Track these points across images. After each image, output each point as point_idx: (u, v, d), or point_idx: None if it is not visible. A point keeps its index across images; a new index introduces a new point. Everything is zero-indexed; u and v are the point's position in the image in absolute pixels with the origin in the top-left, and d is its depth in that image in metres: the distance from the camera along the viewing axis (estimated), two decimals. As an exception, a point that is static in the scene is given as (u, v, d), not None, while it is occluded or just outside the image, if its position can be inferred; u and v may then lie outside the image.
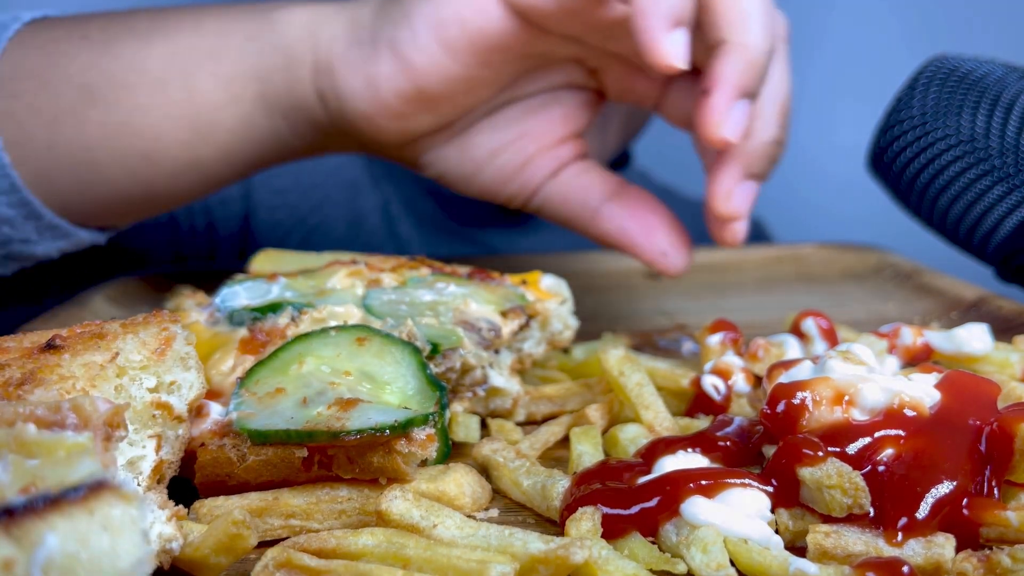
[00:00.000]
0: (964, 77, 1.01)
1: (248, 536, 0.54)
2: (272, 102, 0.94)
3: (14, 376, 0.57)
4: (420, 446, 0.63)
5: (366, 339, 0.71)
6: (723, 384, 0.78)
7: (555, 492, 0.64)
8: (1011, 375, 0.77)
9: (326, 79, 0.91)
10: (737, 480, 0.60)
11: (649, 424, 0.72)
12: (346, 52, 0.90)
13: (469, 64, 0.88)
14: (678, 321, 1.07)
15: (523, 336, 0.85)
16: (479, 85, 0.91)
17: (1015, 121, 0.96)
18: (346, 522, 0.63)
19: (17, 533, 0.40)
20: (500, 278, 0.87)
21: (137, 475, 0.60)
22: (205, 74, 0.93)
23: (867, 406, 0.61)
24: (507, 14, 0.85)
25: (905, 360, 0.83)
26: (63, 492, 0.41)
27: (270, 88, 0.94)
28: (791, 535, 0.59)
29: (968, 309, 1.09)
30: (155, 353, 0.62)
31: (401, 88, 0.89)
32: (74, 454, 0.45)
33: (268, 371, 0.70)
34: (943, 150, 1.00)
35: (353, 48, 0.90)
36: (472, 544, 0.57)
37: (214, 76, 0.93)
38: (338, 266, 0.86)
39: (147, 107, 0.93)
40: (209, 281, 0.95)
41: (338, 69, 0.91)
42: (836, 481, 0.56)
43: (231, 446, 0.65)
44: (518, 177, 0.98)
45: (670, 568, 0.56)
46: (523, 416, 0.82)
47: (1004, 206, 0.97)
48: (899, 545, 0.55)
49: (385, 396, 0.67)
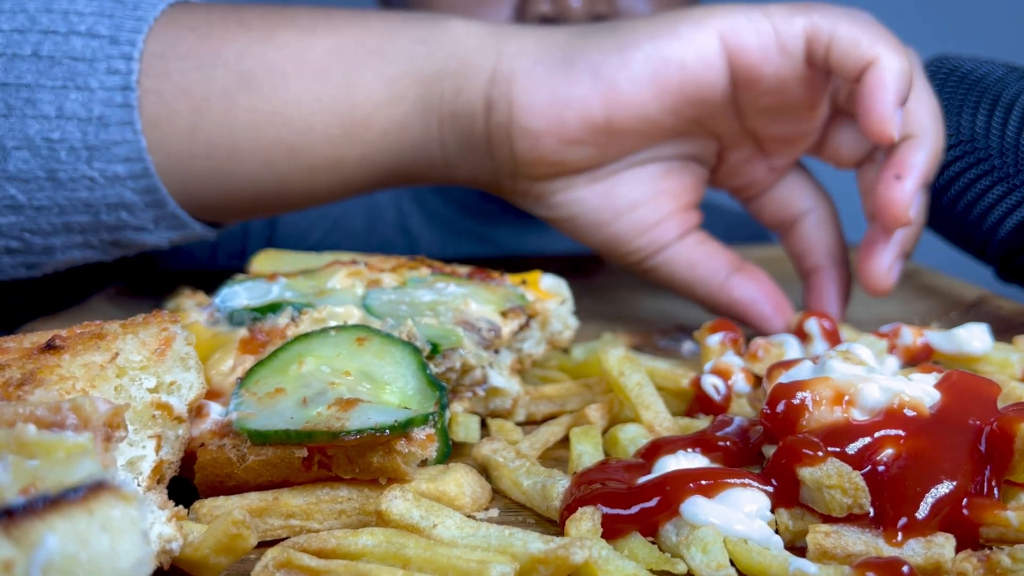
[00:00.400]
0: (964, 77, 1.01)
1: (248, 536, 0.54)
2: (433, 106, 0.93)
3: (14, 377, 0.57)
4: (420, 446, 0.63)
5: (366, 339, 0.71)
6: (723, 384, 0.78)
7: (555, 492, 0.64)
8: (1011, 375, 0.77)
9: (503, 87, 0.91)
10: (737, 480, 0.60)
11: (649, 424, 0.72)
12: (533, 66, 0.90)
13: (666, 109, 0.90)
14: (678, 321, 1.07)
15: (523, 336, 0.85)
16: (658, 131, 0.93)
17: (1015, 121, 0.96)
18: (346, 522, 0.63)
19: (17, 534, 0.40)
20: (500, 278, 0.87)
21: (137, 475, 0.60)
22: (369, 71, 0.92)
23: (867, 406, 0.61)
24: (726, 70, 0.89)
25: (905, 360, 0.83)
26: (63, 493, 0.41)
27: (435, 91, 0.93)
28: (791, 535, 0.59)
29: (968, 309, 1.09)
30: (155, 353, 0.62)
31: (591, 114, 0.90)
32: (74, 455, 0.45)
33: (268, 371, 0.70)
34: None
35: (542, 64, 0.90)
36: (472, 544, 0.57)
37: (379, 74, 0.92)
38: (338, 266, 0.86)
39: (303, 99, 0.91)
40: (209, 281, 0.95)
41: (519, 80, 0.90)
42: (836, 481, 0.56)
43: (231, 446, 0.65)
44: (650, 233, 0.99)
45: (670, 568, 0.56)
46: (523, 416, 0.82)
47: (1004, 206, 0.97)
48: (899, 545, 0.55)
49: (385, 396, 0.67)
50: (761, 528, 0.57)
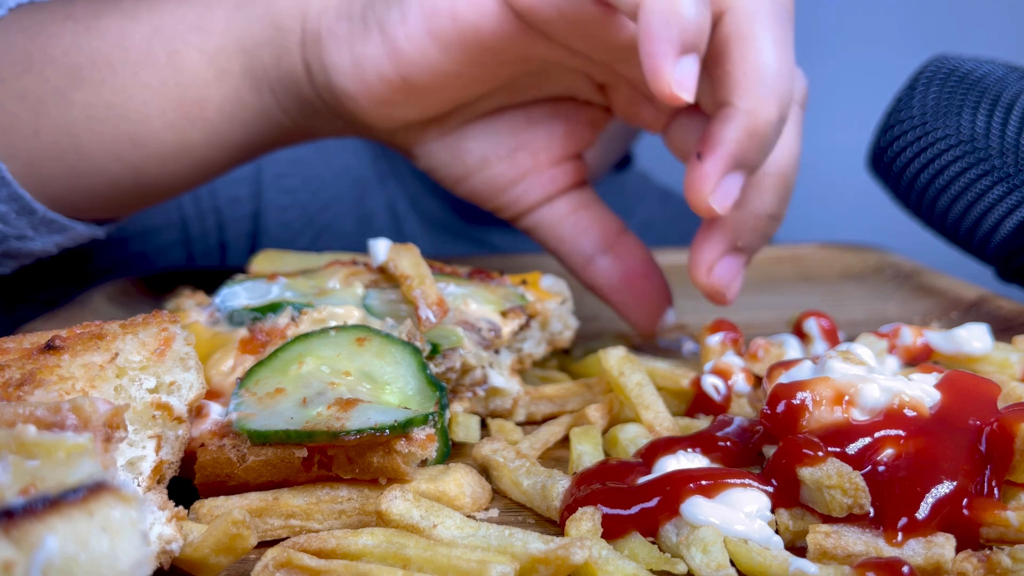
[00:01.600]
0: (964, 77, 1.01)
1: (248, 536, 0.54)
2: (260, 76, 0.89)
3: (14, 377, 0.57)
4: (420, 446, 0.63)
5: (366, 339, 0.71)
6: (723, 384, 0.78)
7: (555, 492, 0.64)
8: (1011, 375, 0.77)
9: (313, 51, 0.86)
10: (737, 480, 0.60)
11: (649, 424, 0.72)
12: (335, 25, 0.85)
13: (458, 60, 0.82)
14: (678, 321, 1.07)
15: (523, 336, 0.85)
16: (469, 82, 0.86)
17: (1015, 121, 0.96)
18: (346, 522, 0.63)
19: (17, 535, 0.40)
20: (500, 278, 0.87)
21: (137, 476, 0.60)
22: (191, 49, 0.88)
23: (867, 406, 0.61)
24: (505, 14, 0.79)
25: (905, 360, 0.83)
26: (63, 493, 0.41)
27: (257, 61, 0.89)
28: (791, 535, 0.59)
29: (968, 309, 1.09)
30: (155, 353, 0.62)
31: (385, 73, 0.84)
32: (74, 455, 0.45)
33: (268, 371, 0.70)
34: (943, 150, 1.00)
35: (343, 22, 0.85)
36: (472, 544, 0.57)
37: (200, 51, 0.88)
38: (338, 266, 0.86)
39: (132, 87, 0.88)
40: (209, 281, 0.95)
41: (325, 41, 0.85)
42: (836, 481, 0.56)
43: (231, 446, 0.65)
44: (509, 192, 0.94)
45: (670, 568, 0.56)
46: (523, 416, 0.82)
47: (1004, 206, 0.97)
48: (899, 545, 0.55)
49: (385, 396, 0.67)
50: (761, 528, 0.57)
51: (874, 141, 1.07)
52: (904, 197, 1.06)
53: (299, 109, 0.91)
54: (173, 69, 0.88)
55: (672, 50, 0.67)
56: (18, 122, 0.89)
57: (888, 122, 1.05)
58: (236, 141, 0.93)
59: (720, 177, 0.74)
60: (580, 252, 0.93)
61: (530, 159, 0.93)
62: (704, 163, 0.74)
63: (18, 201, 0.91)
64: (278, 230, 1.55)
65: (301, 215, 1.56)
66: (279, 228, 1.56)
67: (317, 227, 1.58)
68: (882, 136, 1.06)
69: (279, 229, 1.56)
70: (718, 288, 0.83)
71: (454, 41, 0.81)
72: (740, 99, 0.73)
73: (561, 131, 0.93)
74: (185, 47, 0.89)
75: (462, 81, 0.85)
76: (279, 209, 1.54)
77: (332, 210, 1.57)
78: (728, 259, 0.82)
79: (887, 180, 1.08)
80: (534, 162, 0.93)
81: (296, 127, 0.94)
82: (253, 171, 1.51)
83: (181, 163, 0.92)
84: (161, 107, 0.89)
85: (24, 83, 0.89)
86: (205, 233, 1.49)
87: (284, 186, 1.53)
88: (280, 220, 1.54)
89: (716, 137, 0.74)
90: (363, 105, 0.86)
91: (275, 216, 1.53)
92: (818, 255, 1.37)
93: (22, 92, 0.89)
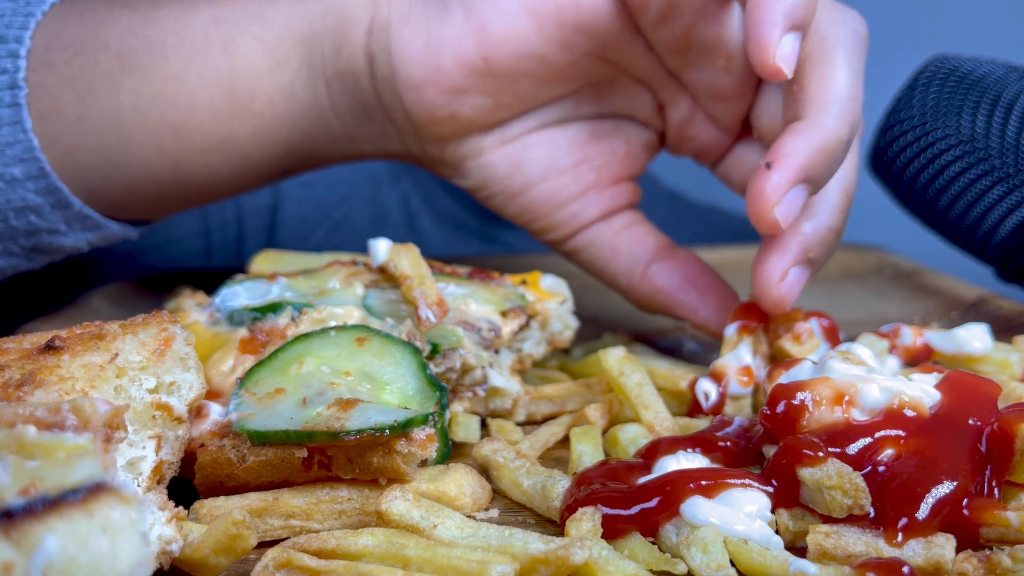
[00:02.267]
0: (964, 77, 1.01)
1: (248, 536, 0.54)
2: (317, 68, 0.87)
3: (14, 377, 0.57)
4: (420, 446, 0.63)
5: (366, 339, 0.71)
6: (715, 390, 0.78)
7: (555, 492, 0.64)
8: (1011, 375, 0.77)
9: (380, 39, 0.83)
10: (737, 480, 0.60)
11: (649, 424, 0.72)
12: (409, 10, 0.82)
13: (550, 39, 0.80)
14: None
15: (523, 336, 0.85)
16: (551, 73, 0.83)
17: (1015, 121, 0.96)
18: (346, 522, 0.63)
19: (16, 536, 0.40)
20: (500, 278, 0.87)
21: (137, 476, 0.60)
22: (249, 38, 0.87)
23: (867, 406, 0.61)
24: None
25: (905, 360, 0.83)
26: (62, 494, 0.41)
27: (316, 52, 0.86)
28: (791, 535, 0.59)
29: (968, 309, 1.09)
30: (155, 354, 0.62)
31: (466, 53, 0.80)
32: (74, 455, 0.45)
33: (268, 371, 0.70)
34: (943, 150, 1.00)
35: (418, 6, 0.82)
36: (472, 544, 0.57)
37: (259, 40, 0.87)
38: (338, 266, 0.86)
39: (184, 75, 0.86)
40: (209, 281, 0.95)
41: (395, 26, 0.82)
42: (836, 482, 0.56)
43: (231, 447, 0.65)
44: (567, 207, 0.90)
45: (670, 568, 0.56)
46: (523, 416, 0.82)
47: (1004, 206, 0.97)
48: (899, 545, 0.55)
49: (385, 396, 0.67)
50: (761, 528, 0.57)
51: (874, 141, 1.07)
52: (904, 197, 1.06)
53: (351, 110, 0.89)
54: (227, 58, 0.86)
55: (782, 22, 0.69)
56: (63, 108, 0.87)
57: (888, 122, 1.05)
58: (282, 140, 0.91)
59: (788, 189, 0.74)
60: (637, 261, 0.91)
61: (593, 174, 0.91)
62: (772, 173, 0.74)
63: (55, 194, 0.89)
64: (295, 222, 1.55)
65: (317, 208, 1.56)
66: (296, 220, 1.55)
67: (333, 221, 1.58)
68: (882, 136, 1.06)
69: (296, 221, 1.55)
70: (787, 299, 0.81)
71: (551, 15, 0.79)
72: (816, 115, 0.74)
73: (622, 151, 0.92)
74: (242, 36, 0.87)
75: (544, 68, 0.82)
76: (296, 202, 1.54)
77: (348, 204, 1.58)
78: (797, 270, 0.81)
79: (887, 180, 1.08)
80: (596, 177, 0.91)
81: (345, 134, 0.91)
82: None
83: (222, 159, 0.90)
84: (210, 96, 0.87)
85: (73, 68, 0.87)
86: (224, 224, 1.49)
87: (301, 179, 1.53)
88: (297, 212, 1.54)
89: (788, 148, 0.74)
90: (427, 97, 0.83)
91: (292, 208, 1.53)
92: (818, 255, 1.37)
93: (71, 78, 0.87)
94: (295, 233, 1.55)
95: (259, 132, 0.89)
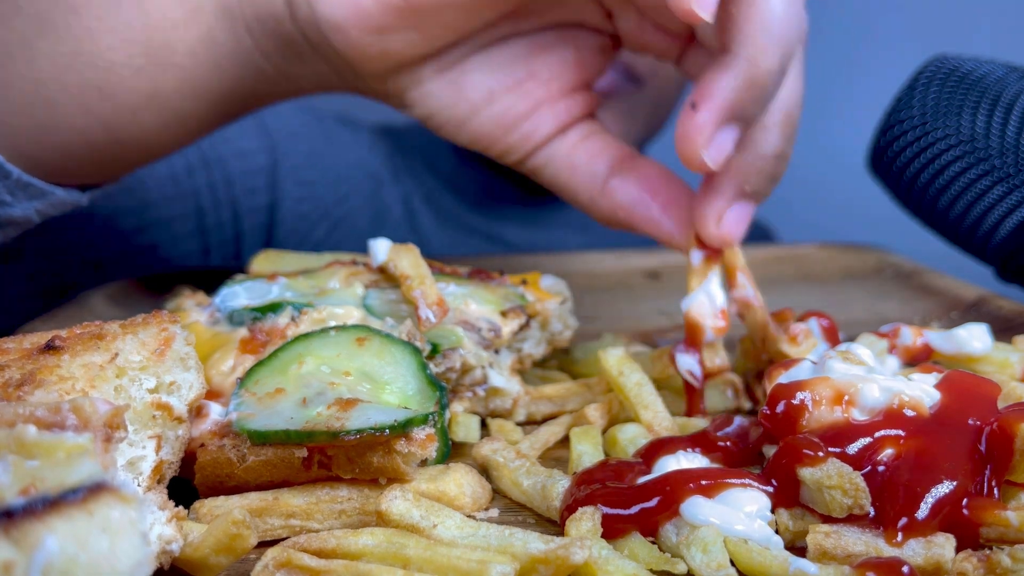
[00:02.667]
0: (964, 77, 1.01)
1: (248, 536, 0.54)
2: (235, 13, 0.83)
3: (14, 377, 0.57)
4: (420, 446, 0.63)
5: (366, 339, 0.71)
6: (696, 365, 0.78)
7: (555, 492, 0.64)
8: (1011, 375, 0.77)
9: None
10: (737, 480, 0.60)
11: (648, 424, 0.72)
12: None
13: None
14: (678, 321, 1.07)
15: (523, 336, 0.85)
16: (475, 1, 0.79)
17: (1015, 121, 0.96)
18: (346, 522, 0.63)
19: (16, 535, 0.40)
20: (500, 278, 0.87)
21: (137, 476, 0.60)
22: None
23: (867, 406, 0.61)
24: None
25: (905, 360, 0.83)
26: (63, 494, 0.41)
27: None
28: (791, 535, 0.59)
29: (968, 309, 1.09)
30: (155, 354, 0.62)
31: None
32: (74, 455, 0.45)
33: (268, 371, 0.70)
34: (943, 150, 1.00)
35: None
36: (472, 544, 0.57)
37: None
38: (338, 266, 0.86)
39: (97, 32, 0.82)
40: (209, 281, 0.95)
41: None
42: (836, 481, 0.56)
43: (231, 446, 0.65)
44: (519, 127, 0.86)
45: (670, 568, 0.56)
46: (523, 416, 0.82)
47: (1004, 206, 0.97)
48: (899, 545, 0.55)
49: (385, 396, 0.67)
50: (761, 528, 0.58)
51: (874, 141, 1.07)
52: (904, 197, 1.06)
53: (279, 51, 0.85)
54: (140, 11, 0.83)
55: None
56: None
57: (888, 122, 1.05)
58: (212, 89, 0.87)
59: (715, 129, 0.71)
60: (596, 175, 0.86)
61: (541, 88, 0.86)
62: (698, 114, 0.70)
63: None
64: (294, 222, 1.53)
65: (317, 207, 1.54)
66: (295, 220, 1.53)
67: (333, 220, 1.57)
68: (882, 136, 1.06)
69: (295, 221, 1.54)
70: (728, 239, 0.78)
71: None
72: (741, 46, 0.69)
73: (572, 58, 0.87)
74: None
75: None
76: (295, 201, 1.52)
77: (348, 203, 1.57)
78: (737, 206, 0.78)
79: (887, 180, 1.08)
80: (545, 92, 0.86)
81: (278, 74, 0.88)
82: (269, 163, 1.50)
83: (153, 115, 0.87)
84: (128, 52, 0.83)
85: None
86: (221, 223, 1.48)
87: (300, 178, 1.52)
88: (296, 212, 1.53)
89: (712, 86, 0.70)
90: (354, 38, 0.80)
91: (291, 208, 1.52)
92: (818, 255, 1.37)
93: None
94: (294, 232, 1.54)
95: (186, 84, 0.86)
